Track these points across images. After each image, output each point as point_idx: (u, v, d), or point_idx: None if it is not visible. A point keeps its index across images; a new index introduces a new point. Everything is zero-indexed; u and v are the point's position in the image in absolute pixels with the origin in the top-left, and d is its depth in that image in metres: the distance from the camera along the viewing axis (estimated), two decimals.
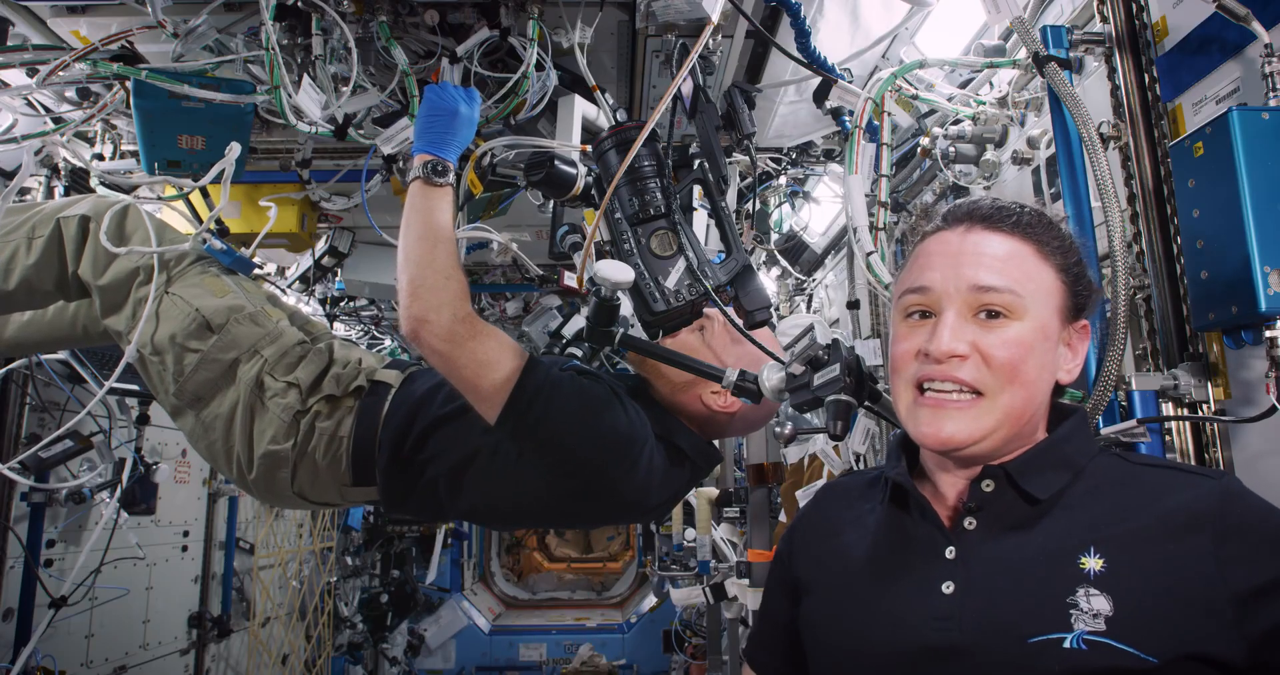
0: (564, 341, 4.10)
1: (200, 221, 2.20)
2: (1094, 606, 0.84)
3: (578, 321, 4.13)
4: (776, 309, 3.95)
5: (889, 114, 2.04)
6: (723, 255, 1.71)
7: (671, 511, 5.55)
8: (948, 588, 0.93)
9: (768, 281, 4.14)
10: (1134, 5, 1.66)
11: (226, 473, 1.90)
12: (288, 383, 1.82)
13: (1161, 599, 0.83)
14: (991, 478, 0.96)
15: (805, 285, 4.16)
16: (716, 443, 1.89)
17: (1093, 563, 0.86)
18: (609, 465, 1.60)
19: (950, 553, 0.95)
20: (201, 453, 1.93)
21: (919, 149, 2.33)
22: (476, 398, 1.58)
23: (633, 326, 1.94)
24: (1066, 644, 0.83)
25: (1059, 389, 1.03)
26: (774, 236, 3.59)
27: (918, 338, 0.97)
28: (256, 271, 2.10)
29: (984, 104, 2.17)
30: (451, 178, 1.67)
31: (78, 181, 2.79)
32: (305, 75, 1.94)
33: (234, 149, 1.85)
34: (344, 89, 1.93)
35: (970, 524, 0.96)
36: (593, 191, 1.82)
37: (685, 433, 1.75)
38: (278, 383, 1.82)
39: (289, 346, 1.88)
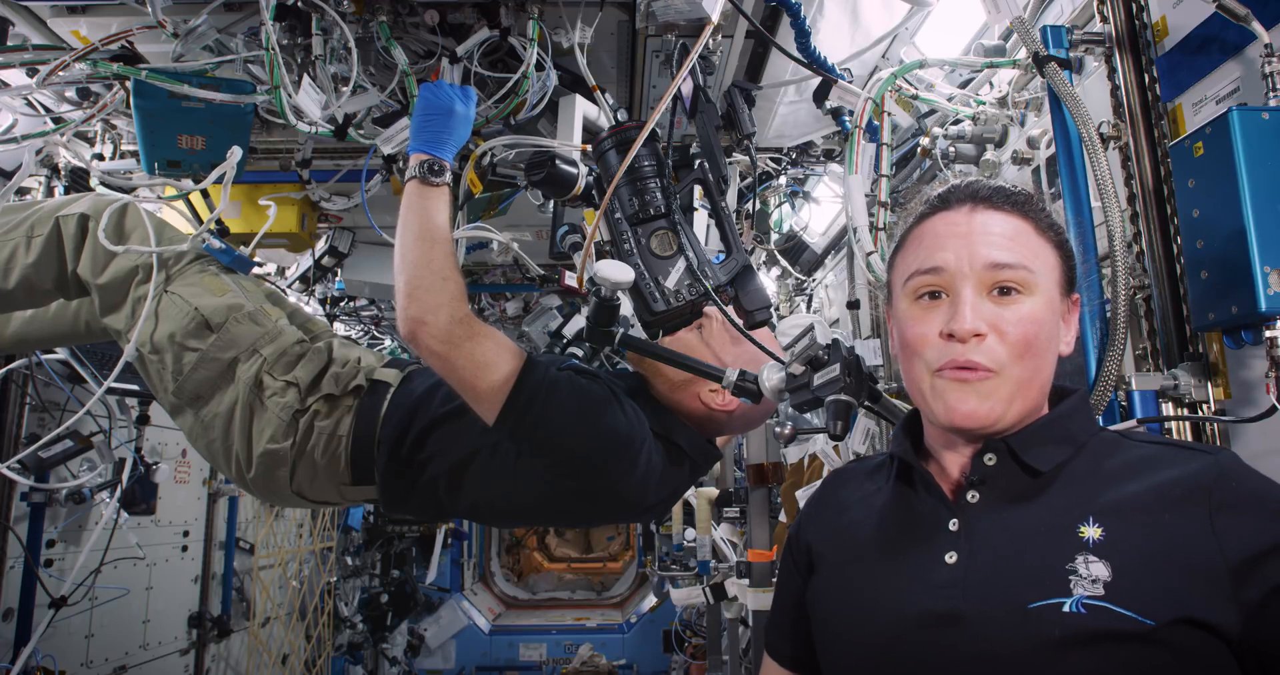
0: (564, 341, 4.10)
1: (200, 221, 2.20)
2: (1093, 572, 0.85)
3: (578, 321, 4.12)
4: (776, 309, 3.95)
5: (889, 114, 2.04)
6: (723, 255, 1.72)
7: (671, 511, 5.55)
8: (950, 558, 0.95)
9: (768, 281, 4.14)
10: (1134, 5, 1.66)
11: (226, 471, 1.90)
12: (286, 382, 1.82)
13: (1158, 566, 0.84)
14: (994, 451, 0.98)
15: (805, 285, 4.16)
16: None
17: (1091, 531, 0.88)
18: (608, 465, 1.60)
19: (953, 525, 0.97)
20: (201, 451, 1.93)
21: (919, 149, 2.33)
22: (475, 399, 1.58)
23: (633, 326, 1.94)
24: (1066, 608, 0.84)
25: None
26: (774, 236, 3.59)
27: (935, 319, 0.98)
28: (255, 270, 2.10)
29: (984, 104, 2.17)
30: (448, 177, 1.67)
31: (78, 181, 2.79)
32: (305, 75, 1.94)
33: (234, 153, 1.85)
34: (344, 89, 1.93)
35: (973, 497, 0.98)
36: (593, 191, 1.82)
37: (684, 430, 1.75)
38: (276, 382, 1.82)
39: (288, 345, 1.88)
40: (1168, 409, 1.49)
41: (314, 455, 1.79)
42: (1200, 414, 1.47)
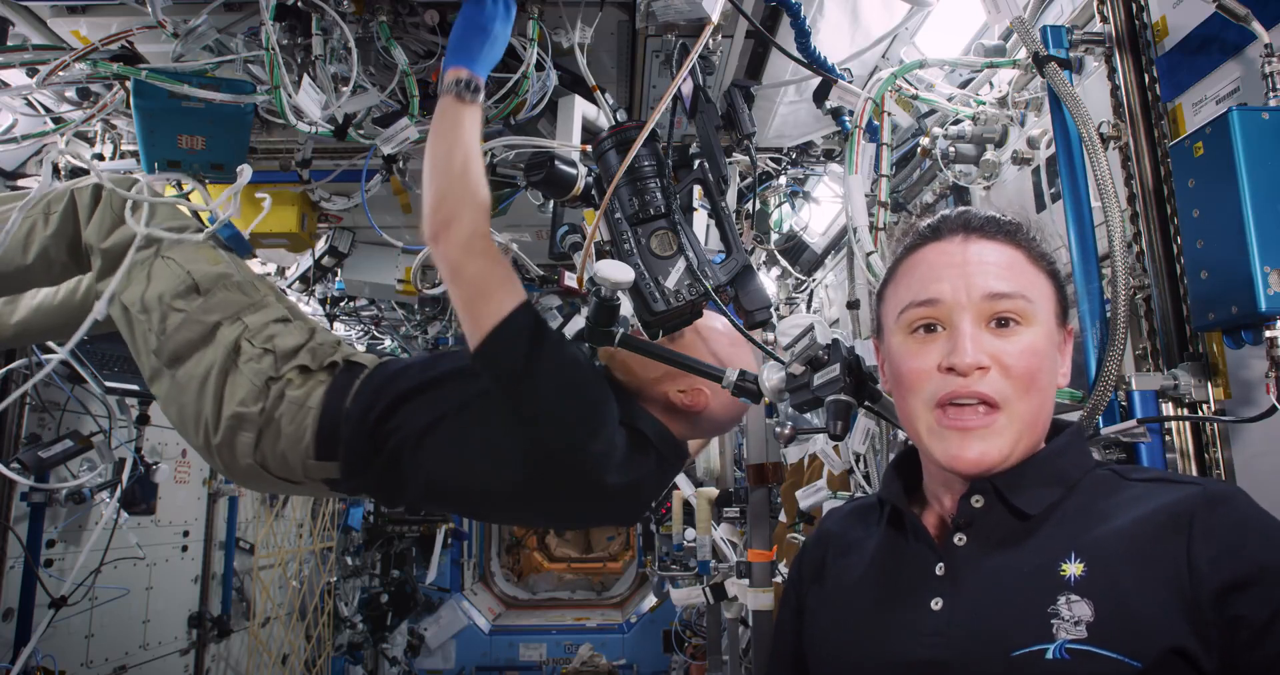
0: None
1: (199, 219, 2.21)
2: (1075, 613, 0.82)
3: (578, 321, 4.12)
4: (776, 309, 3.95)
5: (889, 114, 2.04)
6: (723, 255, 1.71)
7: (671, 511, 5.54)
8: (936, 604, 0.92)
9: (768, 281, 4.14)
10: (1134, 5, 1.66)
11: (192, 438, 1.90)
12: (265, 349, 1.86)
13: (1142, 599, 0.81)
14: (980, 493, 0.95)
15: (805, 285, 4.16)
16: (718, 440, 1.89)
17: (1073, 568, 0.85)
18: (572, 417, 1.60)
19: (940, 569, 0.95)
20: (172, 418, 1.94)
21: (919, 149, 2.33)
22: (469, 318, 1.60)
23: (632, 326, 1.94)
24: (1049, 655, 0.82)
25: None
26: (774, 236, 3.59)
27: (931, 353, 0.95)
28: (255, 267, 2.12)
29: (984, 104, 2.17)
30: (482, 98, 1.69)
31: None
32: (305, 75, 1.94)
33: (245, 173, 1.89)
34: (344, 89, 1.93)
35: (960, 540, 0.95)
36: (593, 191, 1.82)
37: (649, 419, 1.76)
38: (254, 348, 1.85)
39: (271, 318, 1.93)
40: (1168, 409, 1.49)
41: (281, 422, 1.80)
42: (1200, 414, 1.47)
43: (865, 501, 1.19)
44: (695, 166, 1.75)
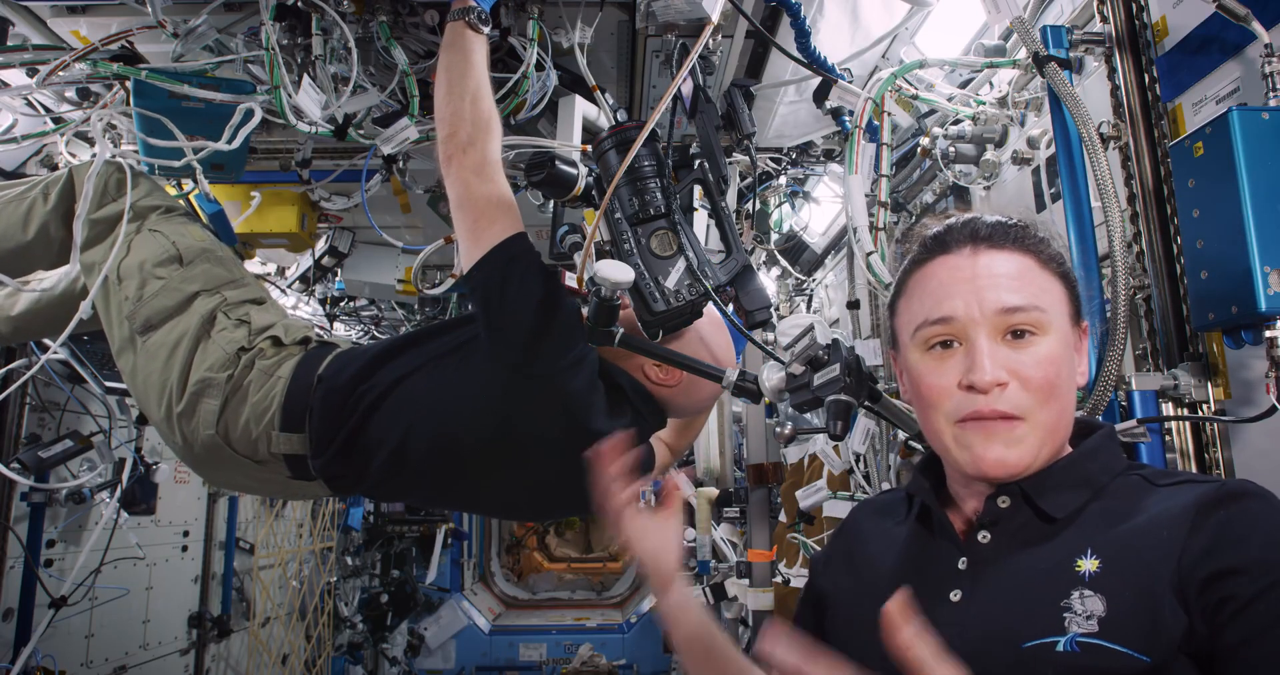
0: None
1: (199, 219, 2.23)
2: (1088, 608, 0.83)
3: None
4: (776, 309, 3.95)
5: (889, 114, 2.04)
6: (723, 255, 1.71)
7: None
8: (955, 596, 0.94)
9: (768, 281, 4.14)
10: (1134, 5, 1.66)
11: (154, 410, 1.85)
12: (239, 319, 1.88)
13: (1152, 596, 0.82)
14: (1007, 494, 0.95)
15: (805, 285, 4.15)
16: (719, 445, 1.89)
17: (1089, 564, 0.86)
18: (551, 342, 1.60)
19: (962, 564, 0.96)
20: (136, 391, 1.90)
21: (919, 149, 2.33)
22: (471, 239, 1.62)
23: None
24: (1060, 647, 0.82)
25: None
26: (774, 236, 3.59)
27: (950, 369, 0.95)
28: (251, 265, 2.14)
29: (984, 104, 2.17)
30: (488, 31, 1.71)
31: None
32: (305, 75, 1.94)
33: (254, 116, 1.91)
34: (344, 89, 1.93)
35: (984, 538, 0.96)
36: (593, 191, 1.82)
37: (624, 374, 1.76)
38: (229, 320, 1.88)
39: (249, 298, 1.96)
40: (1168, 409, 1.49)
41: (248, 390, 1.79)
42: (1200, 414, 1.47)
43: (894, 496, 1.19)
44: (695, 166, 1.75)
